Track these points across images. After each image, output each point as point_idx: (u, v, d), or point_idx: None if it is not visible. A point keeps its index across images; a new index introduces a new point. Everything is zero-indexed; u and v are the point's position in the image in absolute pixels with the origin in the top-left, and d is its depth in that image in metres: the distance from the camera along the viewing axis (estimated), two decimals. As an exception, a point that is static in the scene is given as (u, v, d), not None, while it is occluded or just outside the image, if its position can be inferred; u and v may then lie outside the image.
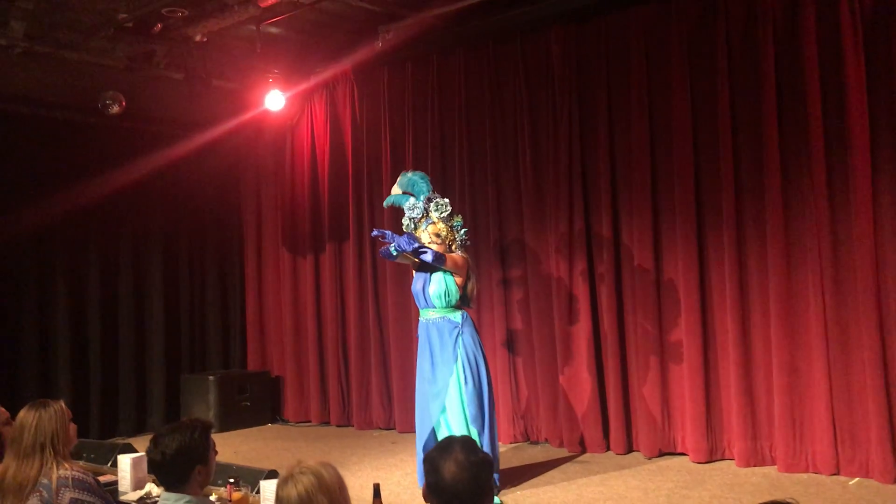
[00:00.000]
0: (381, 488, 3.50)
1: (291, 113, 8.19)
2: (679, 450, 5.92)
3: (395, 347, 7.47)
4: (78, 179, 7.48)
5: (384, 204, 5.90)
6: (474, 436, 4.99)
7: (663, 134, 5.99)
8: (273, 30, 6.98)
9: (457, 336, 5.15)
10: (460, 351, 5.12)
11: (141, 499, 3.84)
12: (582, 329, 6.28)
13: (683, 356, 5.84)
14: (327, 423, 8.04)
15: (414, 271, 5.41)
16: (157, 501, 3.49)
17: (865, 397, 5.09)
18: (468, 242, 5.46)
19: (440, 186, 7.13)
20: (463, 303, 5.28)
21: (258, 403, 8.24)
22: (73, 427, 3.29)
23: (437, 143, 7.21)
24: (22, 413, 3.11)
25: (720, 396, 5.74)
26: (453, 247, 5.32)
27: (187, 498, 2.68)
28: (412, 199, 5.44)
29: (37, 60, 6.62)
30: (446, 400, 5.09)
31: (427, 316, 5.30)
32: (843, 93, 5.21)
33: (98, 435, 7.43)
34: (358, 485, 5.45)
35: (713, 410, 5.75)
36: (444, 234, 5.28)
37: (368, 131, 7.74)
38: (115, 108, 6.96)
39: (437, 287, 5.20)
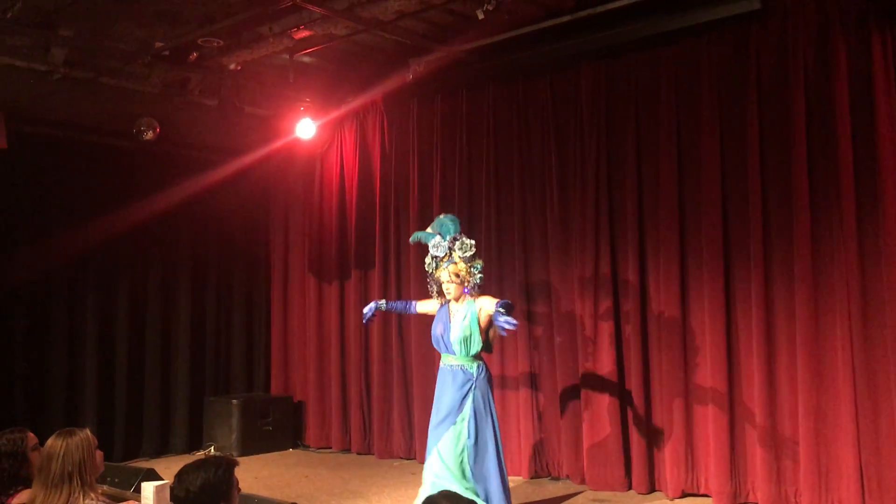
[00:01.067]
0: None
1: (322, 141, 8.28)
2: (702, 491, 5.85)
3: (418, 377, 7.47)
4: (110, 203, 7.62)
5: (410, 240, 5.92)
6: (471, 489, 5.02)
7: (692, 173, 5.98)
8: (305, 59, 7.09)
9: (468, 390, 5.15)
10: (468, 406, 5.12)
11: (163, 528, 3.86)
12: (606, 366, 6.24)
13: (708, 397, 5.79)
14: (348, 450, 8.05)
15: (436, 314, 5.41)
16: (178, 531, 3.52)
17: (894, 445, 5.01)
18: (481, 290, 5.36)
19: (466, 218, 7.17)
20: (485, 349, 5.26)
21: (280, 428, 8.27)
22: (99, 455, 3.33)
23: (464, 177, 7.25)
24: (49, 442, 3.15)
25: (745, 439, 5.67)
26: (469, 288, 5.29)
27: (209, 535, 2.70)
28: (437, 238, 5.42)
29: (75, 86, 6.77)
30: (445, 452, 5.09)
31: (446, 361, 5.30)
32: (875, 133, 5.19)
33: (122, 456, 7.52)
34: (377, 517, 5.45)
35: (738, 453, 5.68)
36: (464, 274, 5.26)
37: (397, 162, 7.80)
38: (150, 135, 7.10)
39: (460, 333, 5.18)
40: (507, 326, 4.84)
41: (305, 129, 7.66)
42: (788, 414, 5.47)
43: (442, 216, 5.57)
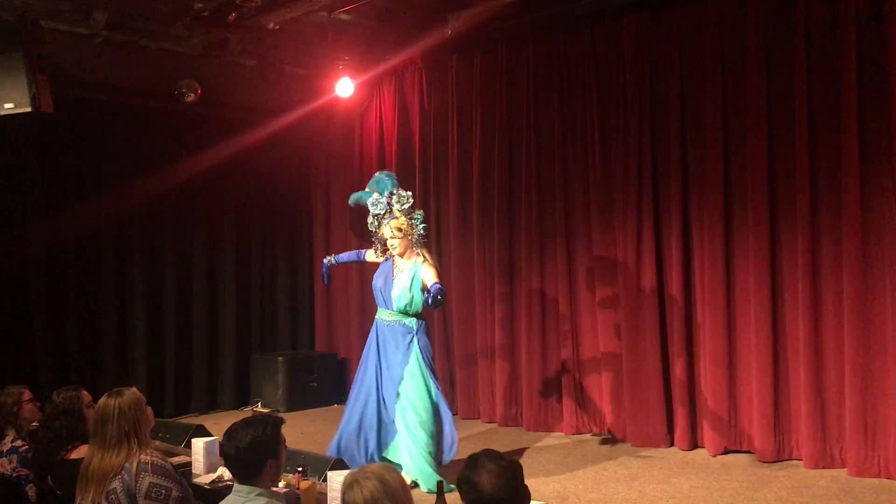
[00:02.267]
0: (445, 475, 3.55)
1: (361, 99, 8.26)
2: (745, 448, 5.84)
3: (458, 334, 7.53)
4: (154, 165, 7.72)
5: (350, 202, 5.84)
6: (430, 430, 5.14)
7: (737, 128, 5.84)
8: (343, 16, 7.03)
9: (411, 339, 5.23)
10: (413, 358, 5.20)
11: (213, 482, 3.98)
12: (649, 323, 6.21)
13: (752, 353, 5.74)
14: (391, 406, 8.15)
15: (379, 263, 5.48)
16: (228, 485, 3.62)
17: (943, 402, 4.94)
18: (425, 239, 5.41)
19: (507, 176, 7.15)
20: (433, 304, 5.24)
21: (325, 384, 8.43)
22: (149, 410, 3.41)
23: (504, 133, 7.19)
24: (101, 403, 3.21)
25: (789, 396, 5.63)
26: (412, 239, 5.30)
27: (258, 491, 2.78)
28: (375, 195, 5.43)
29: (117, 49, 6.83)
30: (410, 398, 5.17)
31: (384, 316, 5.34)
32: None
33: (172, 412, 7.73)
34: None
35: (781, 409, 5.64)
36: (406, 227, 5.28)
37: (436, 119, 7.76)
38: (191, 97, 7.14)
39: (402, 293, 5.23)
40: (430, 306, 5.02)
41: (344, 87, 7.63)
42: (834, 371, 5.40)
43: (378, 173, 5.58)
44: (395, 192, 5.37)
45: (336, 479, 3.56)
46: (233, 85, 7.76)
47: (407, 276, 5.27)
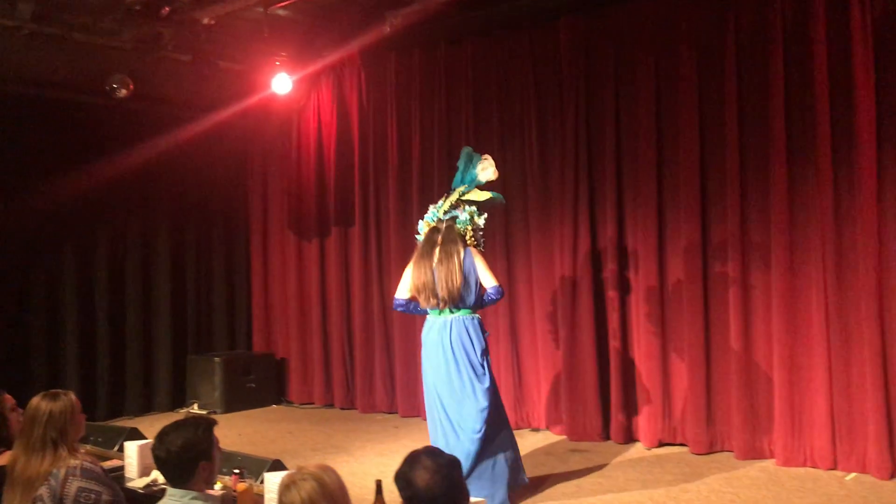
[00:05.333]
0: (384, 475, 3.53)
1: (298, 96, 8.17)
2: (679, 440, 5.97)
3: (399, 332, 7.52)
4: (85, 161, 7.51)
5: (491, 197, 5.19)
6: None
7: (670, 127, 5.98)
8: (281, 12, 6.97)
9: None
10: None
11: (147, 486, 3.89)
12: (585, 319, 6.31)
13: (685, 347, 5.88)
14: (331, 405, 8.12)
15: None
16: (162, 489, 3.55)
17: (864, 393, 5.12)
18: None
19: (447, 173, 7.17)
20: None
21: (263, 385, 8.33)
22: (82, 418, 3.32)
23: (443, 131, 7.21)
24: (34, 404, 3.10)
25: (721, 389, 5.77)
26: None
27: (193, 494, 2.73)
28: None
29: (44, 42, 6.62)
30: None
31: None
32: (852, 90, 5.18)
33: (105, 415, 7.55)
34: (361, 471, 5.52)
35: (714, 402, 5.79)
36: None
37: (375, 117, 7.74)
38: (123, 92, 6.97)
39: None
40: None
41: (281, 84, 7.52)
42: (764, 364, 5.57)
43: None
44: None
45: (273, 481, 3.52)
46: (167, 80, 7.60)
47: None
